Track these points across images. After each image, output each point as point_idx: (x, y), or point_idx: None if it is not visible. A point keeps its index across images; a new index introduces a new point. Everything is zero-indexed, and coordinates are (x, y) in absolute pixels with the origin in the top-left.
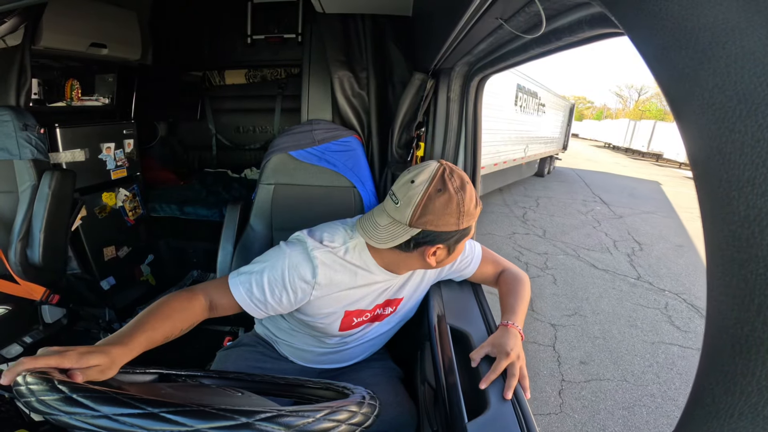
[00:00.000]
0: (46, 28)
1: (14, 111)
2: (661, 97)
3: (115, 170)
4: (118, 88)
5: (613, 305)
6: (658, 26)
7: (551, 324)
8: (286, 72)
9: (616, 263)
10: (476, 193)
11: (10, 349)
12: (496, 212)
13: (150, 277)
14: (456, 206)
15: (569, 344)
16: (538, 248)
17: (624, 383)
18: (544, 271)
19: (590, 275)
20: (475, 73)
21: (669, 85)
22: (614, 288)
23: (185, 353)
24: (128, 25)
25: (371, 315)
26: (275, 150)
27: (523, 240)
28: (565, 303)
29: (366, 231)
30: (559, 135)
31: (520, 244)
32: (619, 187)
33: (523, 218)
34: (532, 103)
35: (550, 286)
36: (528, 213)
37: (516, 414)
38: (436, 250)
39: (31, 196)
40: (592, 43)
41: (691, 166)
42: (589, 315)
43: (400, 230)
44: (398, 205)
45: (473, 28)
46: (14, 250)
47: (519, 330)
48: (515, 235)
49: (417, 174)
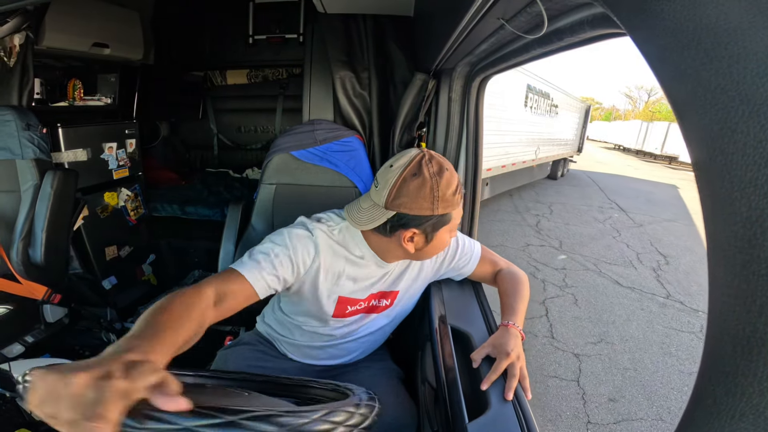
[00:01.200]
0: (48, 28)
1: (17, 111)
2: None
3: (117, 170)
4: (121, 87)
5: (643, 329)
6: (660, 27)
7: (574, 354)
8: (287, 72)
9: (641, 279)
10: (458, 182)
11: (12, 348)
12: (507, 220)
13: (151, 276)
14: (429, 190)
15: (595, 378)
16: (555, 262)
17: (659, 423)
18: (564, 290)
19: (615, 294)
20: (477, 74)
21: (671, 85)
22: (642, 309)
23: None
24: (130, 25)
25: (366, 305)
26: (277, 150)
27: (538, 253)
28: (588, 328)
29: (350, 214)
30: (573, 137)
31: (536, 258)
32: (634, 192)
33: (536, 227)
34: (543, 103)
35: (571, 308)
36: (542, 221)
37: (517, 414)
38: (413, 235)
39: (33, 196)
40: (593, 44)
41: (693, 166)
42: (616, 342)
43: (378, 213)
44: (377, 188)
45: (475, 29)
46: (16, 250)
47: (519, 330)
48: (529, 247)
49: (397, 159)
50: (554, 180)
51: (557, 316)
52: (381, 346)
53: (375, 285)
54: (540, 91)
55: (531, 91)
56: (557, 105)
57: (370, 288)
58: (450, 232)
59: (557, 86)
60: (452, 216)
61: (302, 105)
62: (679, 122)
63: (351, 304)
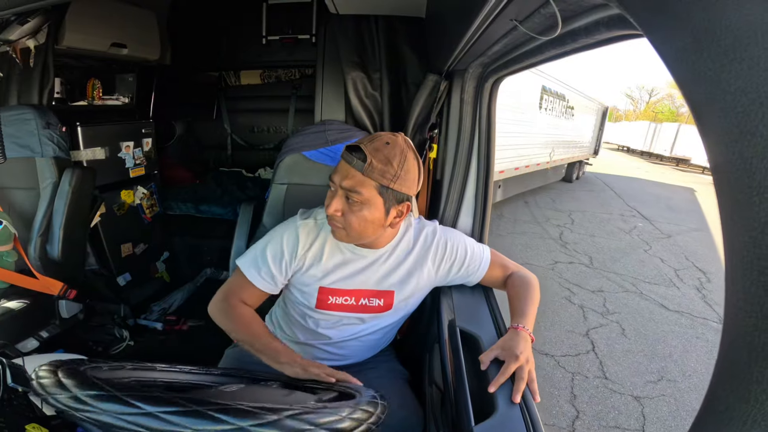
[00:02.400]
0: (68, 29)
1: (37, 110)
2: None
3: (134, 168)
4: (138, 87)
5: (704, 362)
6: (678, 28)
7: (634, 397)
8: (300, 72)
9: (688, 301)
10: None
11: (26, 343)
12: (528, 232)
13: (165, 274)
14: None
15: (663, 425)
16: (589, 283)
17: None
18: (607, 317)
19: (664, 320)
20: (490, 75)
21: (689, 87)
22: (698, 337)
23: (194, 350)
24: (148, 26)
25: (355, 303)
26: (289, 150)
27: (569, 272)
28: (644, 363)
29: None
30: (589, 139)
31: (567, 278)
32: (652, 197)
33: (560, 240)
34: (558, 105)
35: (620, 340)
36: (564, 233)
37: (524, 418)
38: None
39: (52, 193)
40: (609, 45)
41: (711, 170)
42: (679, 379)
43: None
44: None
45: (487, 30)
46: (34, 246)
47: (529, 333)
48: (558, 265)
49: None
50: (569, 183)
51: (606, 351)
52: (388, 347)
53: (360, 275)
54: (555, 93)
55: (546, 93)
56: (573, 106)
57: (353, 279)
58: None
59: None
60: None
61: (314, 105)
62: (697, 124)
63: (332, 295)
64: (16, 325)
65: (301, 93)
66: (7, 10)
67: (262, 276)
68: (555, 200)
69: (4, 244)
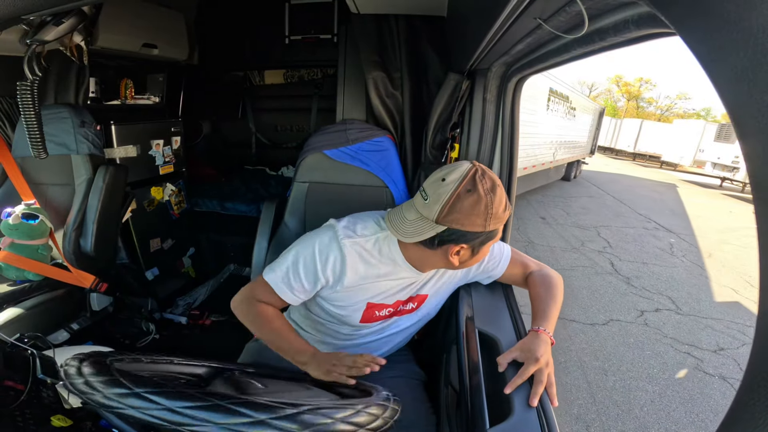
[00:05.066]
0: (102, 29)
1: (73, 108)
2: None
3: (163, 166)
4: (167, 87)
5: None
6: (713, 26)
7: None
8: (322, 72)
9: None
10: (506, 198)
11: (58, 335)
12: (577, 267)
13: (191, 269)
14: (484, 208)
15: None
16: (700, 339)
17: None
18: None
19: None
20: (513, 74)
21: (726, 88)
22: None
23: (215, 345)
24: (176, 26)
25: (394, 310)
26: (310, 149)
27: (665, 324)
28: None
29: (393, 224)
30: (587, 140)
31: (670, 334)
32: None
33: (619, 274)
34: (563, 106)
35: None
36: (615, 262)
37: (540, 422)
38: (460, 249)
39: (86, 189)
40: (640, 44)
41: (748, 172)
42: None
43: (426, 226)
44: (427, 201)
45: (510, 29)
46: (69, 240)
47: (550, 336)
48: (647, 316)
49: (449, 173)
50: (567, 181)
51: None
52: (405, 347)
53: (404, 290)
54: (561, 94)
55: (553, 94)
56: (575, 107)
57: (398, 293)
58: (492, 244)
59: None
60: (498, 231)
61: (336, 105)
62: (734, 125)
63: (379, 310)
64: (49, 317)
65: (324, 92)
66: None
67: (295, 294)
68: (568, 212)
69: (40, 237)
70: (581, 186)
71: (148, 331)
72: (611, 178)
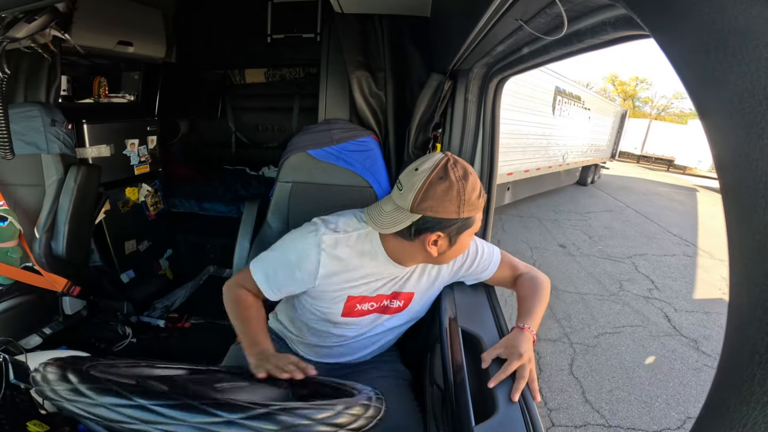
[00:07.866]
0: (76, 26)
1: (43, 107)
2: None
3: (139, 166)
4: (143, 85)
5: None
6: (686, 29)
7: None
8: (304, 71)
9: None
10: (480, 185)
11: (30, 339)
12: (625, 327)
13: (168, 271)
14: (456, 194)
15: None
16: None
17: None
18: None
19: None
20: (494, 75)
21: (696, 88)
22: None
23: (195, 348)
24: (154, 24)
25: (377, 305)
26: (294, 149)
27: None
28: None
29: (371, 217)
30: (606, 142)
31: None
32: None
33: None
34: (573, 107)
35: None
36: (669, 313)
37: (524, 417)
38: (437, 238)
39: (57, 190)
40: (615, 45)
41: (717, 171)
42: None
43: (402, 216)
44: (402, 191)
45: (492, 29)
46: (39, 242)
47: (533, 333)
48: None
49: (422, 162)
50: (584, 186)
51: None
52: (391, 347)
53: (387, 285)
54: (570, 94)
55: (560, 94)
56: (590, 108)
57: (380, 288)
58: (471, 235)
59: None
60: (475, 219)
61: (318, 104)
62: (704, 125)
63: (360, 302)
64: (20, 322)
65: (306, 92)
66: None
67: (275, 292)
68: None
69: (9, 240)
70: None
71: (124, 335)
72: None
